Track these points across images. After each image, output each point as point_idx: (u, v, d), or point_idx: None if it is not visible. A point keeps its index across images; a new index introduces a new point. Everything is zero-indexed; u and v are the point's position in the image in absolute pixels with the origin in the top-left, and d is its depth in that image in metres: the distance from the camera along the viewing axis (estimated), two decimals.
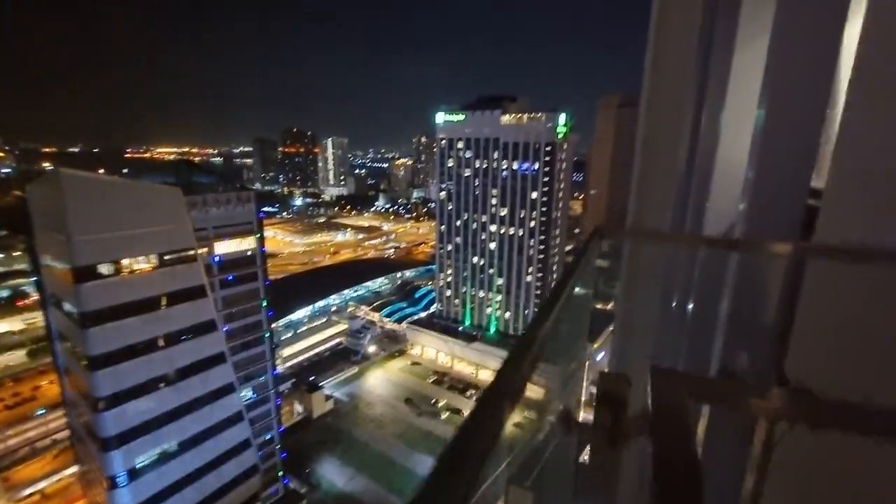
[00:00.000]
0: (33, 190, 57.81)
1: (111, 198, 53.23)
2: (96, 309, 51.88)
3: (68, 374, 60.51)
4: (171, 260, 58.28)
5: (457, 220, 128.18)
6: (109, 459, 54.44)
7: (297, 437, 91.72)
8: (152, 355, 56.98)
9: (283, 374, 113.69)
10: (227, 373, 65.72)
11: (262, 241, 70.01)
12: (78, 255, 50.13)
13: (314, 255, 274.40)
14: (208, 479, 64.72)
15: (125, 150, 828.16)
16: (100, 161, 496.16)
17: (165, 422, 58.99)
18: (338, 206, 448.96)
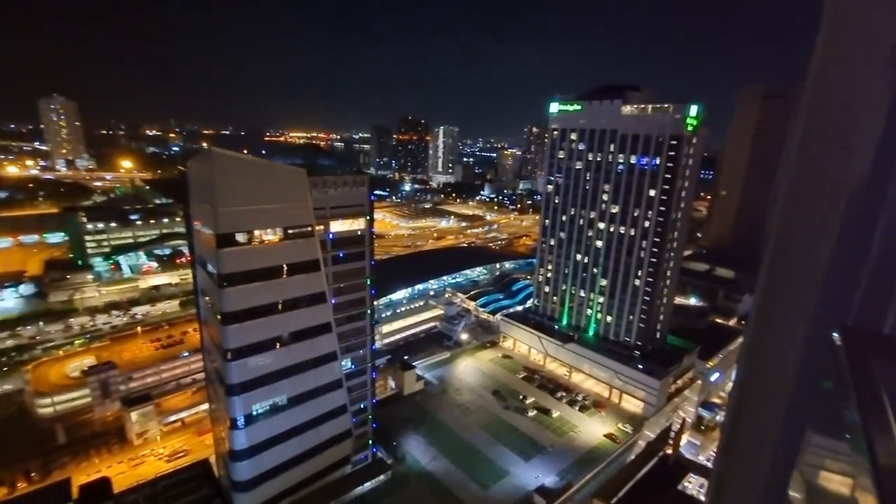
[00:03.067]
0: (192, 165, 67.60)
1: (250, 175, 60.10)
2: (231, 272, 59.35)
3: (206, 325, 70.55)
4: (293, 234, 64.31)
5: (563, 215, 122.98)
6: (232, 403, 62.57)
7: (387, 411, 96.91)
8: (271, 318, 63.84)
9: (380, 349, 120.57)
10: (331, 342, 71.31)
11: (372, 223, 74.01)
12: (221, 223, 57.57)
13: (418, 239, 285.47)
14: (309, 434, 71.38)
15: (265, 133, 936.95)
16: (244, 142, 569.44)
17: (277, 378, 65.99)
18: (444, 194, 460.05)
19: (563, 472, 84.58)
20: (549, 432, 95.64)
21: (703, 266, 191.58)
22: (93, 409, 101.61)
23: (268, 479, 67.60)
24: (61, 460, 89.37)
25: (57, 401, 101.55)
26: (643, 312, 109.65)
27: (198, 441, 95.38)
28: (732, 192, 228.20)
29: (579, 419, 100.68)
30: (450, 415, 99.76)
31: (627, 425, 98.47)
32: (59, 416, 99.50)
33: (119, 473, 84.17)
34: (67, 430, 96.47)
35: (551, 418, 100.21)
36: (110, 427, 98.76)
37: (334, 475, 76.77)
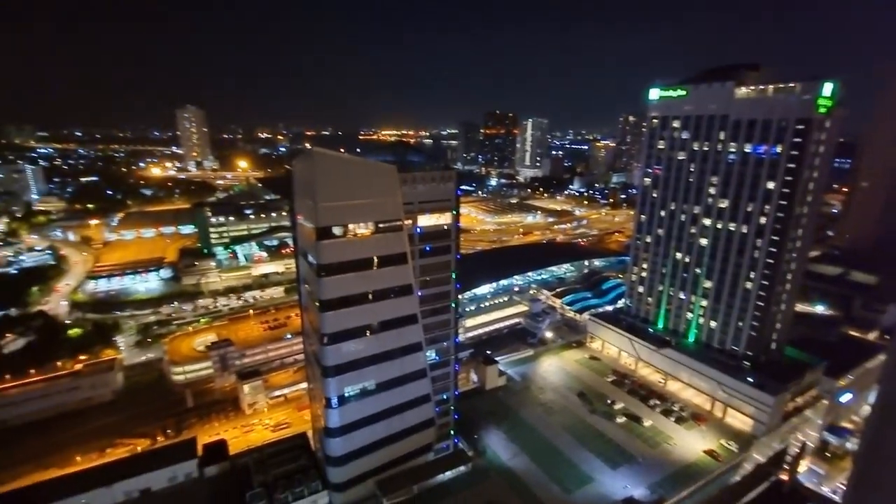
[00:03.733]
0: (295, 164, 73.62)
1: (347, 172, 63.98)
2: (329, 262, 63.79)
3: (306, 311, 76.75)
4: (384, 228, 67.31)
5: (661, 210, 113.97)
6: (328, 384, 67.50)
7: (469, 403, 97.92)
8: (363, 307, 67.61)
9: (463, 343, 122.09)
10: (417, 332, 73.70)
11: (458, 217, 74.90)
12: (321, 217, 62.05)
13: (503, 234, 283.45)
14: (394, 420, 74.66)
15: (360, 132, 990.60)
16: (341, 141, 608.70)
17: (367, 364, 69.81)
18: (530, 188, 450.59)
19: (655, 485, 78.94)
20: (640, 442, 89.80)
21: (834, 269, 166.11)
22: (214, 380, 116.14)
23: (357, 457, 71.99)
24: (189, 421, 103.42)
25: (187, 370, 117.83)
26: (756, 319, 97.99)
27: (298, 415, 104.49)
28: (877, 183, 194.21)
29: (675, 431, 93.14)
30: (532, 413, 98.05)
31: (732, 443, 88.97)
32: (188, 384, 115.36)
33: (233, 437, 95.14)
34: (194, 396, 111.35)
35: (642, 427, 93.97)
36: (227, 396, 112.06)
37: (417, 461, 79.49)
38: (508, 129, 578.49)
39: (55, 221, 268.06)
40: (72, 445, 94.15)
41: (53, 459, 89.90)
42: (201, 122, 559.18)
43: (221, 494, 71.01)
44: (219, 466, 76.99)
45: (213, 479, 75.62)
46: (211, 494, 71.81)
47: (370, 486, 74.06)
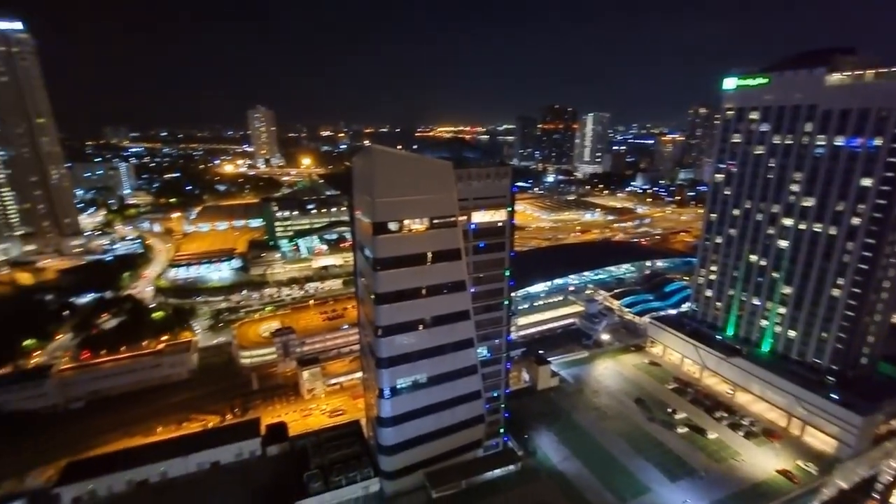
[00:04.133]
0: (355, 161, 75.94)
1: (403, 168, 65.14)
2: (385, 257, 65.34)
3: (362, 303, 79.18)
4: (439, 224, 67.84)
5: (734, 209, 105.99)
6: (381, 375, 69.33)
7: (520, 402, 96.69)
8: (416, 301, 68.64)
9: (516, 341, 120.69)
10: (469, 329, 73.76)
11: (513, 214, 73.94)
12: (378, 212, 63.63)
13: (559, 231, 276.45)
14: (444, 414, 75.30)
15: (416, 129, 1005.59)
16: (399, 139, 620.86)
17: (419, 357, 70.88)
18: (589, 185, 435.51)
19: (719, 502, 73.98)
20: (703, 455, 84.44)
21: None
22: (277, 365, 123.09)
23: (407, 447, 73.45)
24: (254, 402, 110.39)
25: (253, 354, 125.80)
26: (843, 330, 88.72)
27: (353, 403, 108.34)
28: None
29: (743, 447, 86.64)
30: (585, 416, 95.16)
31: (811, 464, 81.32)
32: (254, 367, 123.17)
33: (293, 420, 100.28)
34: (259, 379, 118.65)
35: (706, 439, 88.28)
36: (288, 381, 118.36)
37: (466, 456, 79.74)
38: (567, 124, 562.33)
39: (143, 214, 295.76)
40: (153, 417, 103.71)
41: (139, 428, 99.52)
42: (270, 122, 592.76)
43: (281, 473, 75.19)
44: (279, 446, 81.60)
45: (275, 457, 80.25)
46: (272, 472, 76.24)
47: (419, 477, 75.32)
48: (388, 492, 74.32)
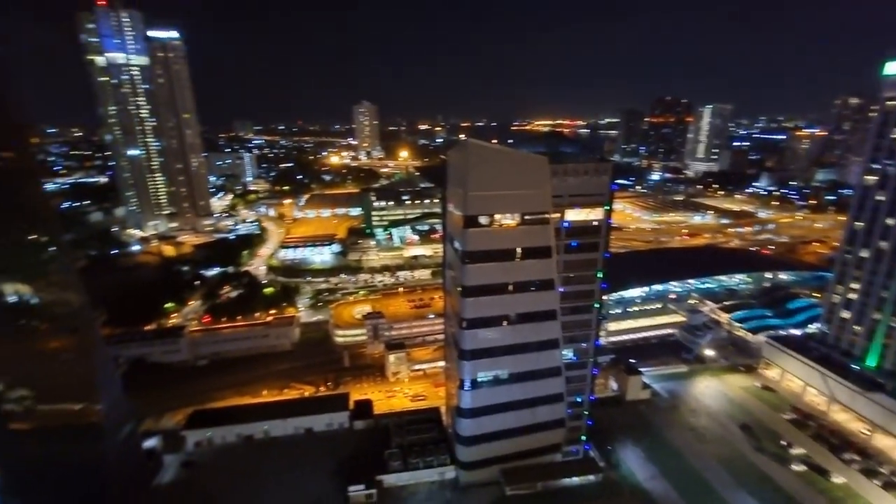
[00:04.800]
0: (450, 154, 76.99)
1: (497, 163, 64.57)
2: (474, 250, 65.64)
3: (449, 295, 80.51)
4: (530, 220, 66.36)
5: (888, 217, 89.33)
6: (463, 366, 70.10)
7: (605, 412, 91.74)
8: (503, 297, 68.06)
9: (605, 346, 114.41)
10: (555, 329, 71.44)
11: (610, 213, 69.73)
12: (469, 206, 63.99)
13: (662, 234, 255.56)
14: (524, 413, 74.06)
15: (512, 123, 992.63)
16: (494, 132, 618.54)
17: (502, 353, 70.38)
18: (702, 184, 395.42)
19: None
20: (825, 500, 73.12)
21: None
22: (366, 346, 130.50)
23: (484, 441, 73.60)
24: (345, 378, 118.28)
25: (346, 334, 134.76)
26: None
27: (434, 391, 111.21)
28: None
29: (881, 498, 73.34)
30: (679, 436, 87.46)
31: None
32: (346, 346, 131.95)
33: (377, 399, 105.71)
34: (350, 358, 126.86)
35: (830, 482, 76.26)
36: (376, 363, 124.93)
37: (544, 458, 77.78)
38: (679, 117, 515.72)
39: (261, 199, 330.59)
40: (260, 381, 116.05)
41: (248, 389, 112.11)
42: (372, 116, 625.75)
43: (365, 447, 79.89)
44: (365, 422, 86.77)
45: (360, 432, 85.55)
46: (357, 445, 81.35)
47: (494, 471, 75.15)
48: (462, 481, 75.34)
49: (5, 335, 55.21)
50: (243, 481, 74.28)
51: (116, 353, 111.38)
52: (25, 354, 58.14)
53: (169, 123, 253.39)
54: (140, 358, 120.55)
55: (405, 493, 73.89)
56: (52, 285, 61.62)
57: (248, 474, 75.80)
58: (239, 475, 75.66)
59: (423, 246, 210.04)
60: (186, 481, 75.71)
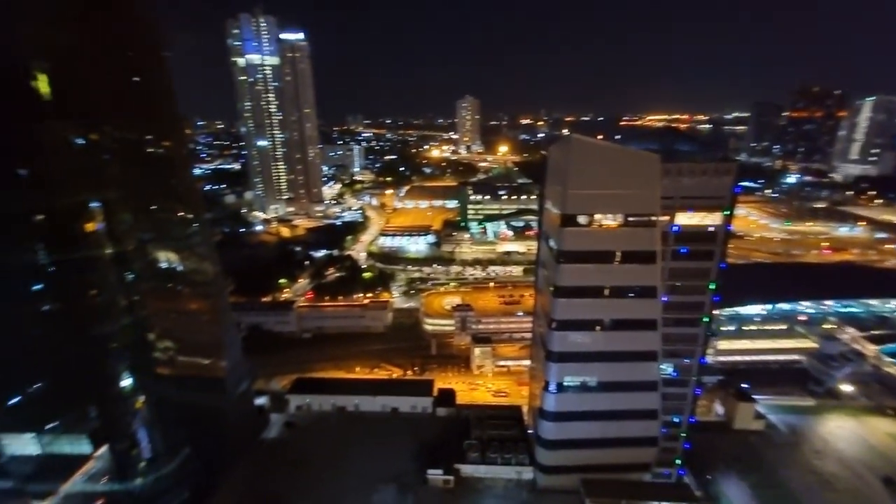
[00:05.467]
0: (552, 150, 74.69)
1: (601, 160, 61.27)
2: (569, 250, 63.17)
3: (540, 293, 78.56)
4: (634, 222, 61.99)
5: None
6: (549, 368, 68.15)
7: (706, 438, 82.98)
8: (597, 300, 64.65)
9: (711, 366, 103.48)
10: (653, 340, 66.14)
11: (730, 219, 62.39)
12: (568, 204, 61.61)
13: (794, 246, 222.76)
14: (611, 424, 69.90)
15: (621, 118, 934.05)
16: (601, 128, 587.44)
17: (592, 359, 67.01)
18: (853, 190, 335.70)
19: None
20: None
21: None
22: (453, 337, 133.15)
23: (566, 447, 71.01)
24: (431, 365, 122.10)
25: (435, 323, 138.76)
26: None
27: (517, 389, 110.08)
28: None
29: None
30: (798, 478, 76.23)
31: None
32: (434, 334, 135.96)
33: (460, 390, 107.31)
34: (437, 346, 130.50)
35: None
36: (461, 354, 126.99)
37: (630, 475, 72.84)
38: (829, 111, 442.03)
39: (366, 189, 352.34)
40: (354, 358, 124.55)
41: (343, 364, 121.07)
42: (475, 111, 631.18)
43: (446, 434, 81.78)
44: (447, 410, 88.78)
45: (442, 419, 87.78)
46: (438, 431, 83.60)
47: (575, 480, 72.01)
48: (540, 484, 73.68)
49: (158, 294, 65.83)
50: (334, 447, 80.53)
51: (239, 319, 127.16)
52: (171, 312, 68.78)
53: (292, 117, 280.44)
54: (256, 325, 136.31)
55: (481, 486, 74.32)
56: (193, 256, 71.91)
57: (339, 442, 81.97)
58: (331, 441, 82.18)
59: (517, 242, 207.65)
60: (287, 439, 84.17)
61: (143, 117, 62.80)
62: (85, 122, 53.09)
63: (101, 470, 59.74)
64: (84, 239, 54.40)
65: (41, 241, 52.31)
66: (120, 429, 59.44)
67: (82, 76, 51.93)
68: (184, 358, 69.61)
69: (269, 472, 75.19)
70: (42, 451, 58.76)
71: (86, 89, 52.49)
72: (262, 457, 79.41)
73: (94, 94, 53.49)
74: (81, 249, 54.63)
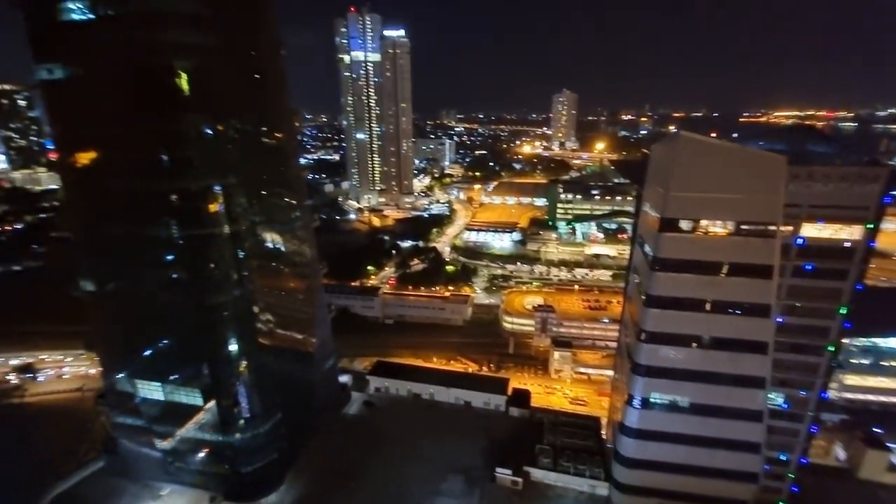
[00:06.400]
0: (655, 148, 69.08)
1: (712, 160, 55.28)
2: (666, 257, 58.21)
3: (630, 301, 73.55)
4: (748, 231, 55.29)
5: None
6: (634, 381, 63.73)
7: (821, 483, 72.23)
8: (696, 314, 58.87)
9: (834, 402, 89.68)
10: (761, 364, 58.76)
11: (875, 234, 52.93)
12: (669, 207, 56.69)
13: None
14: (701, 451, 63.68)
15: (741, 114, 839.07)
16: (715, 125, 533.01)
17: (684, 378, 61.40)
18: None
19: None
20: None
21: None
22: (532, 337, 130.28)
23: (646, 468, 66.18)
24: (507, 364, 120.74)
25: (514, 322, 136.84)
26: None
27: (596, 399, 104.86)
28: None
29: None
30: None
31: None
32: (512, 333, 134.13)
33: (535, 393, 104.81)
34: (515, 345, 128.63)
35: None
36: (539, 356, 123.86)
37: None
38: None
39: (454, 183, 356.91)
40: (432, 348, 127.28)
41: (421, 353, 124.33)
42: (571, 105, 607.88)
43: (518, 435, 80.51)
44: (520, 411, 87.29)
45: (514, 419, 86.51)
46: (510, 431, 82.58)
47: None
48: (615, 502, 69.65)
49: (263, 272, 72.59)
50: (408, 431, 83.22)
51: (329, 300, 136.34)
52: (273, 289, 75.51)
53: (389, 111, 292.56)
54: (345, 308, 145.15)
55: (551, 493, 72.12)
56: (295, 239, 78.21)
57: (413, 427, 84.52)
58: (406, 425, 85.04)
59: (608, 245, 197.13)
60: (366, 417, 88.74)
61: (261, 111, 69.31)
62: (215, 115, 59.78)
63: (209, 422, 67.69)
64: (208, 218, 61.50)
65: (174, 218, 60.15)
66: (226, 387, 66.73)
67: (215, 74, 58.43)
68: (281, 331, 76.11)
69: (347, 445, 79.90)
70: (164, 398, 68.11)
71: (217, 86, 59.04)
72: (342, 430, 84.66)
73: (223, 90, 60.01)
74: (205, 227, 61.85)
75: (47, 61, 56.93)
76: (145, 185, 59.31)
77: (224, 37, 58.80)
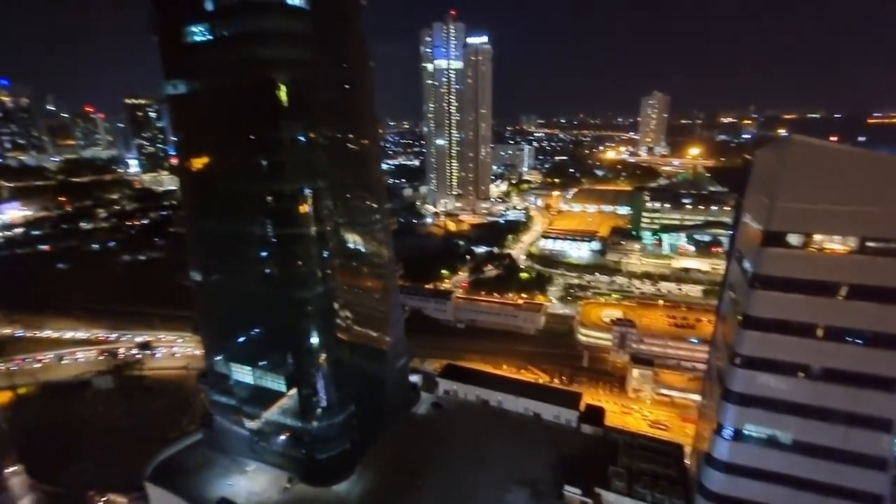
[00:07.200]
0: (760, 154, 62.37)
1: (831, 167, 48.69)
2: (769, 274, 52.20)
3: (723, 320, 66.88)
4: (875, 248, 47.86)
5: None
6: (725, 409, 57.74)
7: None
8: (804, 340, 52.01)
9: None
10: (888, 404, 50.39)
11: None
12: (775, 219, 50.75)
13: None
14: (807, 496, 55.91)
15: (870, 114, 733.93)
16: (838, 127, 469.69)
17: (786, 410, 54.44)
18: None
19: None
20: None
21: None
22: (609, 352, 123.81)
23: None
24: (580, 378, 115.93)
25: (590, 334, 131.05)
26: None
27: (679, 425, 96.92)
28: None
29: None
30: None
31: None
32: (588, 346, 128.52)
33: (610, 411, 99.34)
34: (590, 359, 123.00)
35: None
36: (616, 372, 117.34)
37: None
38: None
39: (532, 189, 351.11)
40: (502, 355, 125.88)
41: (491, 359, 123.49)
42: (663, 109, 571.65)
43: (589, 454, 76.65)
44: (593, 429, 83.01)
45: (586, 436, 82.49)
46: (581, 448, 78.87)
47: None
48: None
49: (343, 271, 76.65)
50: (475, 437, 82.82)
51: (404, 301, 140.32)
52: (352, 287, 79.41)
53: (469, 118, 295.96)
54: (418, 309, 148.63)
55: None
56: (374, 241, 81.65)
57: (481, 432, 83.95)
58: (473, 430, 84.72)
59: (699, 258, 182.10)
60: (434, 419, 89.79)
61: (348, 119, 73.53)
62: (307, 123, 64.50)
63: (290, 408, 72.67)
64: (298, 218, 66.39)
65: (269, 217, 65.73)
66: (306, 377, 71.27)
67: (310, 86, 63.10)
68: (358, 328, 79.69)
69: (414, 444, 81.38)
70: (254, 381, 74.34)
71: (311, 96, 63.69)
72: (410, 429, 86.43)
73: (316, 100, 64.61)
74: (295, 226, 66.79)
75: (174, 78, 65.20)
76: (246, 187, 65.55)
77: (319, 51, 63.33)
